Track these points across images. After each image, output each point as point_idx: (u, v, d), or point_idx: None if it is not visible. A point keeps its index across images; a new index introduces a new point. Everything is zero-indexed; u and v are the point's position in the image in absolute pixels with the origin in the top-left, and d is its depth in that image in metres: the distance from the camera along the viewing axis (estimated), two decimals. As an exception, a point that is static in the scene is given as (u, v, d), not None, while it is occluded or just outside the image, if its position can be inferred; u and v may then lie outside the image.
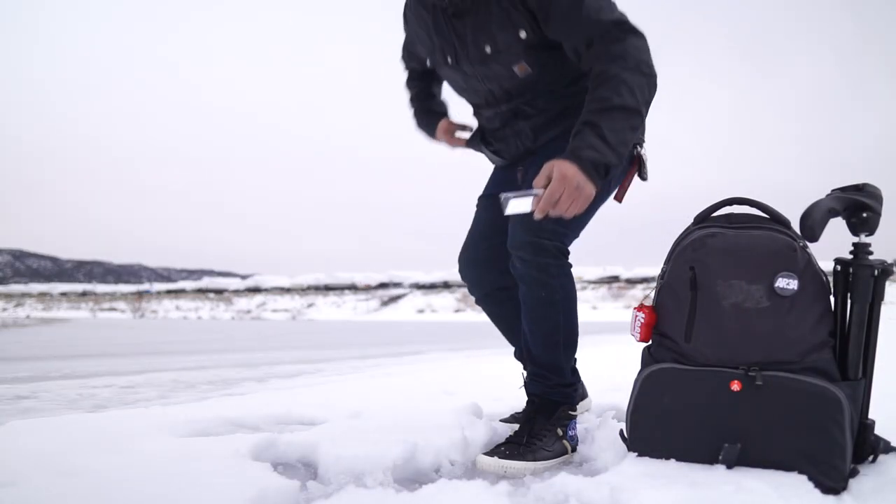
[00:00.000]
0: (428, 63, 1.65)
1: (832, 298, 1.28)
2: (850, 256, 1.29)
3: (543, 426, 1.51)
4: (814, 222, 1.21)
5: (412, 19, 1.61)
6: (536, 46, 1.42)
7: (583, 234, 1.60)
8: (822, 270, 1.26)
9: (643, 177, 1.56)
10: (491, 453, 1.46)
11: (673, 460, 1.27)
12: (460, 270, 1.77)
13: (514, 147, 1.61)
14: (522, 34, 1.40)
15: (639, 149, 1.52)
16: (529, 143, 1.57)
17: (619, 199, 1.57)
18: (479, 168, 1.84)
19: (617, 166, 1.32)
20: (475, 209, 1.79)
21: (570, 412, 1.56)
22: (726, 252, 1.27)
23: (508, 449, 1.46)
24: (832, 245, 1.30)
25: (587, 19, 1.31)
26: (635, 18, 1.34)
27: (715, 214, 1.36)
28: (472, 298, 1.82)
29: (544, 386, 1.54)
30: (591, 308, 38.01)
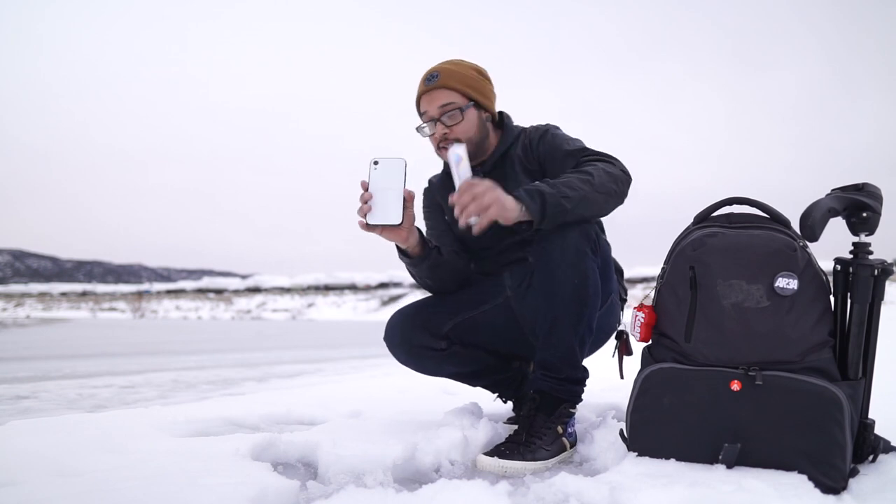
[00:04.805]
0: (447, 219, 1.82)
1: (832, 298, 1.28)
2: (850, 256, 1.29)
3: (543, 424, 1.51)
4: (814, 222, 1.21)
5: (432, 202, 1.87)
6: None
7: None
8: (822, 270, 1.26)
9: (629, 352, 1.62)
10: (491, 453, 1.46)
11: (673, 460, 1.28)
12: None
13: (504, 259, 1.77)
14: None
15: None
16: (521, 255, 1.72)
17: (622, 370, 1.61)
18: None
19: (552, 200, 1.40)
20: None
21: (570, 410, 1.56)
22: (726, 252, 1.27)
23: (508, 448, 1.47)
24: (832, 245, 1.31)
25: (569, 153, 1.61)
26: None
27: (715, 214, 1.36)
28: None
29: (553, 381, 1.54)
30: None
